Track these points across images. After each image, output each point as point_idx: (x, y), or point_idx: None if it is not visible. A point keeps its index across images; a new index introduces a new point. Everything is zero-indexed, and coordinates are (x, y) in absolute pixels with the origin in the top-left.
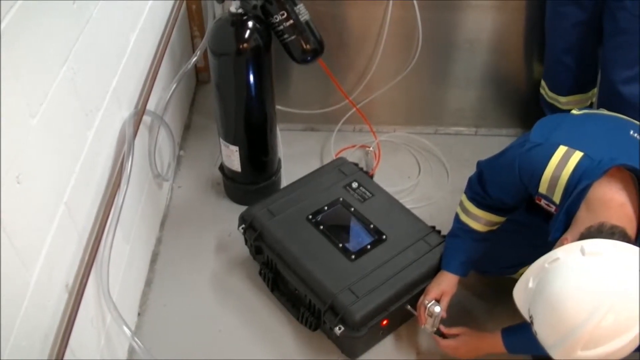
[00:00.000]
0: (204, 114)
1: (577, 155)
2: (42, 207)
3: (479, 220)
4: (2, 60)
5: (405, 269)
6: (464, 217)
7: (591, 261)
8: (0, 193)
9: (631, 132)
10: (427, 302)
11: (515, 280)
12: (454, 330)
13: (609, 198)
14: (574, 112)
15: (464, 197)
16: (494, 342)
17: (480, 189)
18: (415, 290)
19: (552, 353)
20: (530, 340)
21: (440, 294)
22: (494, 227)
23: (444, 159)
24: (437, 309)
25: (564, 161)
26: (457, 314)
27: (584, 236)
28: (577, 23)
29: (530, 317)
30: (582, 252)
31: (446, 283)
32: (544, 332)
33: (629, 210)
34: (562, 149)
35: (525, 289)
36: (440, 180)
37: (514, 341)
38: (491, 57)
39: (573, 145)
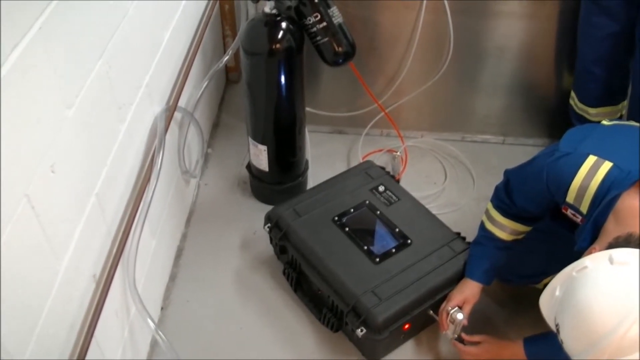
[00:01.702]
0: (232, 113)
1: (607, 165)
2: (74, 197)
3: (504, 229)
4: (42, 52)
5: (429, 274)
6: (489, 226)
7: (619, 270)
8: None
9: None
10: (449, 308)
11: (538, 290)
12: (475, 338)
13: (638, 208)
14: (604, 122)
15: (489, 206)
16: (516, 351)
17: (506, 197)
18: (438, 295)
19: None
20: (553, 351)
21: (463, 302)
22: (519, 237)
23: (470, 166)
24: (460, 316)
25: (593, 171)
26: (479, 322)
27: (611, 246)
28: (609, 34)
29: (557, 325)
30: (611, 261)
31: (469, 291)
32: (570, 341)
33: None
34: (591, 159)
35: (552, 297)
36: (465, 187)
37: (536, 351)
38: (521, 65)
39: (602, 156)
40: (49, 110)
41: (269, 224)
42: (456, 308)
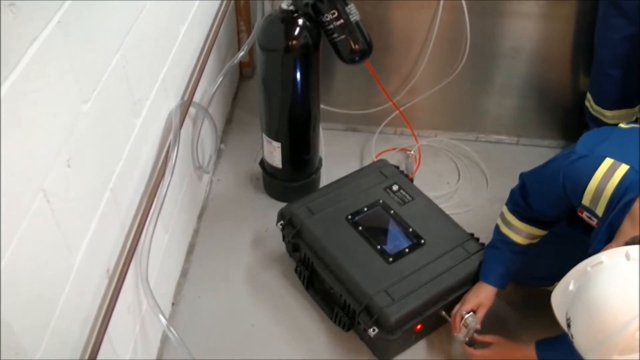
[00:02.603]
0: (245, 108)
1: (623, 168)
2: (89, 192)
3: (520, 232)
4: (60, 46)
5: (442, 274)
6: (504, 229)
7: (635, 267)
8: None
9: None
10: (463, 312)
11: (550, 292)
12: (486, 338)
13: None
14: (622, 125)
15: (505, 209)
16: (527, 354)
17: (522, 200)
18: (451, 296)
19: (587, 357)
20: (565, 354)
21: (478, 306)
22: (535, 240)
23: (484, 166)
24: (473, 322)
25: (609, 174)
26: (491, 323)
27: (627, 245)
28: (626, 36)
29: (568, 320)
30: (627, 257)
31: (484, 295)
32: (581, 336)
33: None
34: (608, 162)
35: (564, 291)
36: (479, 187)
37: (548, 355)
38: (536, 66)
39: (619, 159)
40: (66, 104)
41: (282, 222)
42: (470, 313)
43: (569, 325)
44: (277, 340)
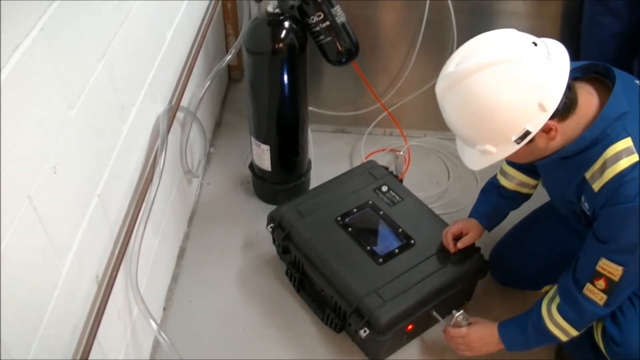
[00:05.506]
0: (234, 111)
1: None
2: (76, 198)
3: (512, 180)
4: (44, 52)
5: (433, 274)
6: (498, 176)
7: None
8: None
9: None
10: (454, 312)
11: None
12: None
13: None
14: None
15: (504, 163)
16: (492, 333)
17: None
18: (442, 296)
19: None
20: (518, 328)
21: (463, 228)
22: (523, 190)
23: None
24: (464, 320)
25: None
26: None
27: None
28: (614, 34)
29: None
30: None
31: (471, 223)
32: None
33: (594, 103)
34: None
35: None
36: (469, 187)
37: (506, 329)
38: None
39: None
40: (52, 110)
41: (271, 224)
42: (461, 312)
43: None
44: (268, 343)
